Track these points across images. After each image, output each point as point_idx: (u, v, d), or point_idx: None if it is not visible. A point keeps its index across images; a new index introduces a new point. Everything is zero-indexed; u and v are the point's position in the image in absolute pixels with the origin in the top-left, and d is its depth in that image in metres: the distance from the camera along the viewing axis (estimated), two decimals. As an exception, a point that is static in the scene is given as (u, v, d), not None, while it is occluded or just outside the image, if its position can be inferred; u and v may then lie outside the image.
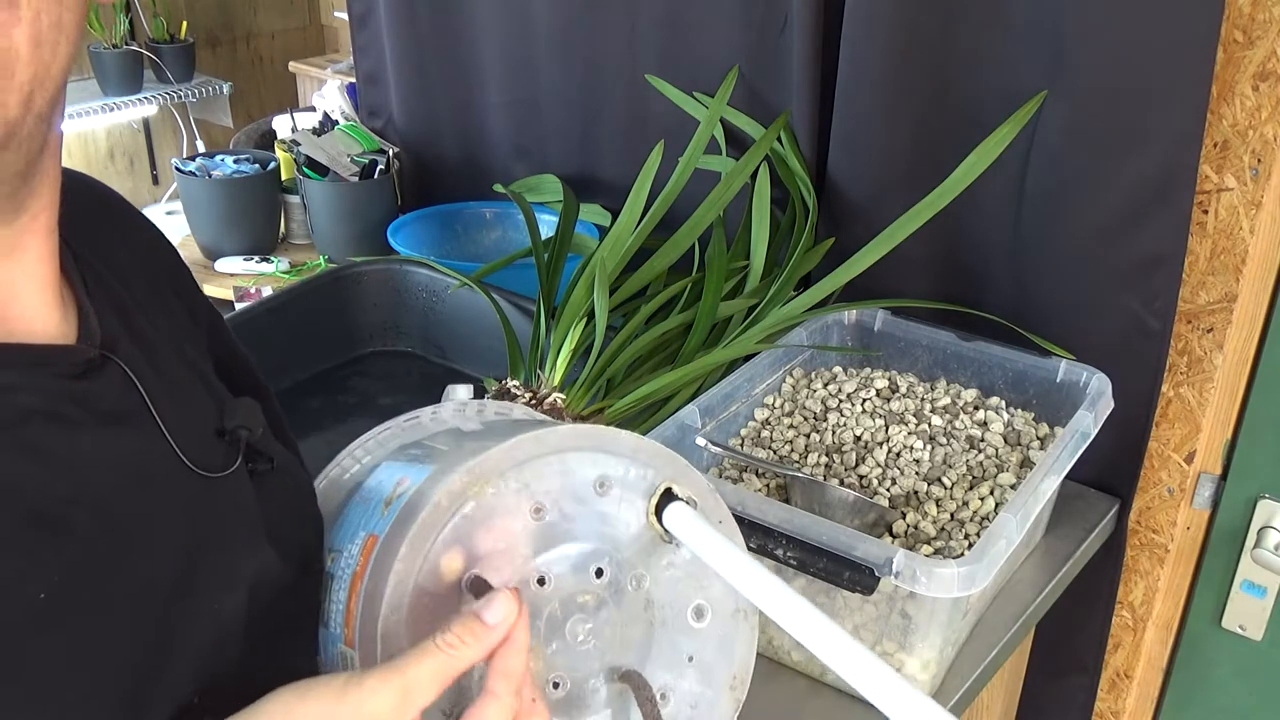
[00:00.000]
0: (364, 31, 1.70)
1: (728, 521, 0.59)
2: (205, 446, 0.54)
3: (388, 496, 0.56)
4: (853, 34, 1.14)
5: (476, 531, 0.52)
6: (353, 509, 0.60)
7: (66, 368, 0.48)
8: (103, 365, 0.50)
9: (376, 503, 0.57)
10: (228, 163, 1.66)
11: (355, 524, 0.58)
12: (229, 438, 0.56)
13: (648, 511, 0.57)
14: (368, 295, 1.41)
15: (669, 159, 1.29)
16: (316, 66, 2.87)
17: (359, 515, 0.58)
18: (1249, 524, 1.13)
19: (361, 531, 0.56)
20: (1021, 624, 0.99)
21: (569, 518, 0.55)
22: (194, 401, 0.56)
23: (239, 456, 0.56)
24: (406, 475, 0.57)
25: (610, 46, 1.40)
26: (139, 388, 0.51)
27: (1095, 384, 1.03)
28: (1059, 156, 1.06)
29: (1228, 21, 0.97)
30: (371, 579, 0.52)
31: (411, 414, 0.71)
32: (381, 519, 0.55)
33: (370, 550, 0.54)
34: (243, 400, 0.60)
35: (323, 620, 0.58)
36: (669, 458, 0.57)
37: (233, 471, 0.55)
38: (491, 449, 0.52)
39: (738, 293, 1.24)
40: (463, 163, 1.66)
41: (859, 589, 0.81)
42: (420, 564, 0.51)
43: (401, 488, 0.56)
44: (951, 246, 1.18)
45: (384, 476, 0.60)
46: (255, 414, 0.59)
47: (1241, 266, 1.04)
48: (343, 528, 0.59)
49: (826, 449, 1.03)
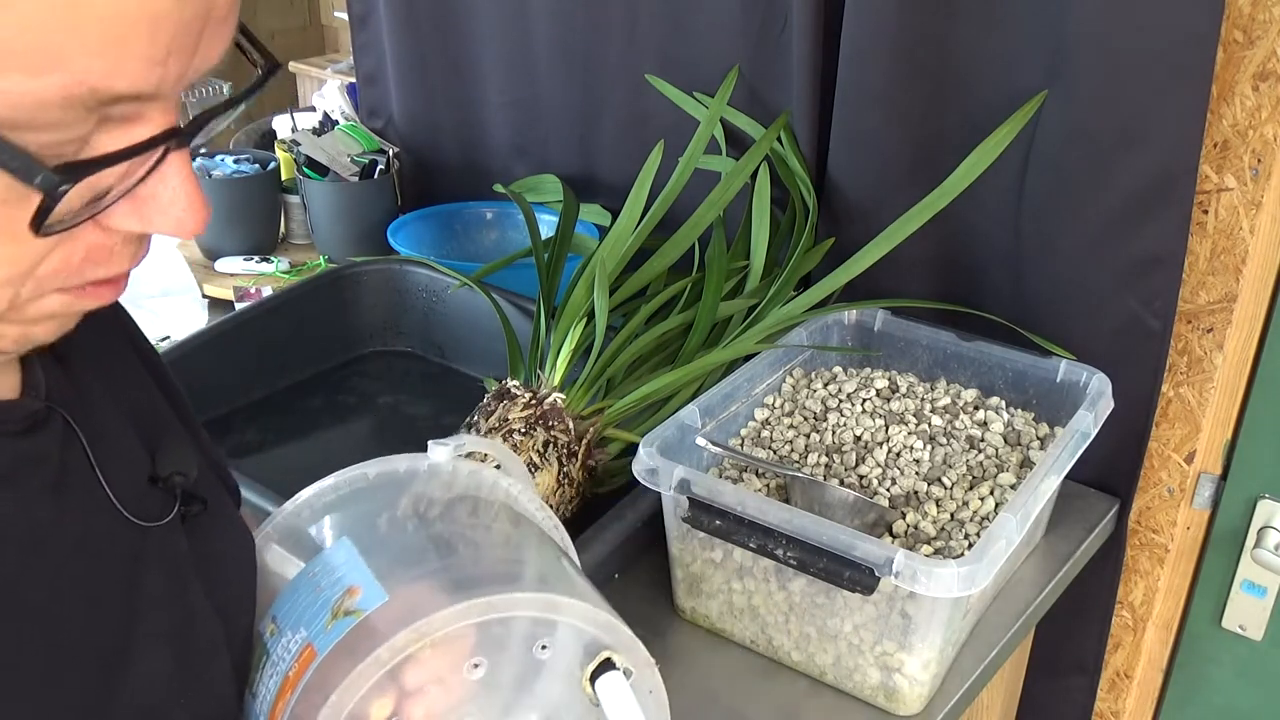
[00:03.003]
0: (364, 31, 1.70)
1: (658, 692, 0.59)
2: (140, 495, 0.52)
3: (335, 604, 0.55)
4: (853, 34, 1.14)
5: (410, 676, 0.52)
6: (302, 586, 0.58)
7: (14, 424, 0.47)
8: (47, 418, 0.48)
9: (324, 603, 0.55)
10: (228, 163, 1.66)
11: (301, 609, 0.56)
12: (163, 484, 0.54)
13: (582, 678, 0.57)
14: (368, 295, 1.41)
15: (669, 159, 1.29)
16: (316, 66, 2.87)
17: (307, 599, 0.56)
18: (1249, 524, 1.13)
19: (303, 629, 0.55)
20: (1021, 624, 0.99)
21: (504, 673, 0.55)
22: (128, 447, 0.54)
23: (175, 504, 0.54)
24: (360, 585, 0.55)
25: (610, 46, 1.40)
26: (80, 439, 0.49)
27: (1095, 384, 1.03)
28: (1059, 156, 1.06)
29: (1228, 21, 0.97)
30: (301, 700, 0.52)
31: (386, 464, 0.66)
32: (324, 633, 0.54)
33: (306, 663, 0.53)
34: (175, 442, 0.57)
35: (250, 690, 0.57)
36: (614, 627, 0.57)
37: (169, 520, 0.53)
38: (444, 610, 0.52)
39: (738, 293, 1.24)
40: (463, 163, 1.66)
41: (859, 589, 0.81)
42: (350, 707, 0.51)
43: (352, 602, 0.54)
44: (951, 246, 1.18)
45: (340, 561, 0.57)
46: (189, 457, 0.57)
47: (1241, 266, 1.04)
48: (288, 602, 0.58)
49: (826, 449, 1.03)
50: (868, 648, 0.86)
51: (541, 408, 1.02)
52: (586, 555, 0.92)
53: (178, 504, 0.54)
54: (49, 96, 0.37)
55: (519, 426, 0.99)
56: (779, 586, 0.89)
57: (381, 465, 0.65)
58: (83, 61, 0.36)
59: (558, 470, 0.98)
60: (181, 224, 0.43)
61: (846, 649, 0.88)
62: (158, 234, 0.44)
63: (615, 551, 0.95)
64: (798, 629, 0.90)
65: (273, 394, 1.32)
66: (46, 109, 0.37)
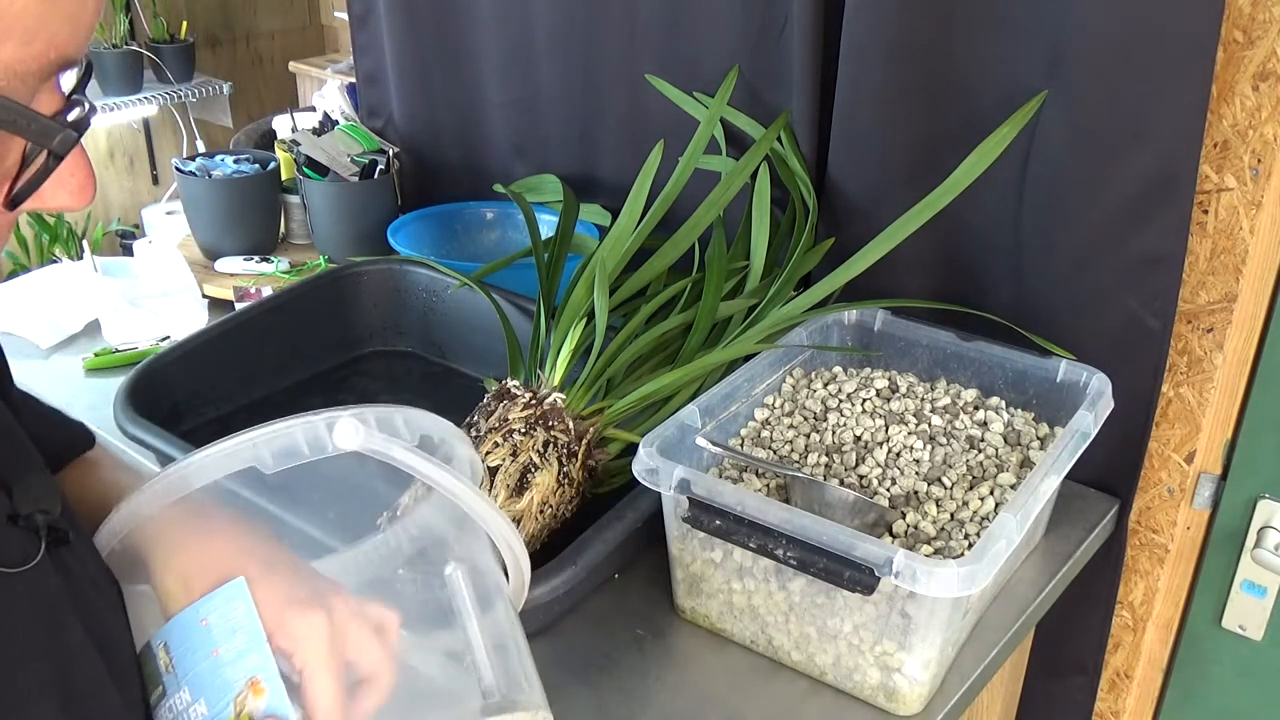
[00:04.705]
0: (364, 31, 1.70)
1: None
2: (1, 538, 0.49)
3: (238, 699, 0.51)
4: (853, 34, 1.14)
5: None
6: (194, 631, 0.53)
7: None
8: None
9: (225, 685, 0.52)
10: (228, 163, 1.66)
11: (196, 665, 0.53)
12: (24, 522, 0.50)
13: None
14: (368, 295, 1.41)
15: (669, 159, 1.29)
16: (316, 66, 2.87)
17: (202, 654, 0.53)
18: (1249, 524, 1.13)
19: (203, 701, 0.52)
20: (1021, 624, 0.99)
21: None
22: None
23: (41, 544, 0.50)
24: (264, 681, 0.52)
25: (610, 46, 1.40)
26: None
27: (1095, 384, 1.03)
28: (1059, 156, 1.06)
29: (1228, 21, 0.97)
30: None
31: (283, 439, 0.55)
32: None
33: None
34: (35, 477, 0.53)
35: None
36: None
37: (37, 562, 0.50)
38: None
39: (738, 293, 1.24)
40: (463, 163, 1.67)
41: (859, 589, 0.81)
42: None
43: (257, 707, 0.51)
44: (951, 246, 1.18)
45: (238, 618, 0.53)
46: (50, 489, 0.53)
47: (1241, 266, 1.04)
48: (180, 642, 0.54)
49: (826, 449, 1.03)
50: (868, 648, 0.87)
51: (541, 408, 1.02)
52: (586, 555, 0.92)
53: (43, 544, 0.50)
54: (35, 64, 0.38)
55: (519, 426, 0.99)
56: (779, 586, 0.89)
57: (277, 439, 0.54)
58: (56, 28, 0.38)
59: (558, 470, 0.98)
60: (78, 195, 0.43)
61: (846, 649, 0.88)
62: (51, 208, 0.44)
63: (615, 551, 0.95)
64: (798, 629, 0.90)
65: (273, 394, 1.32)
66: (30, 76, 0.38)
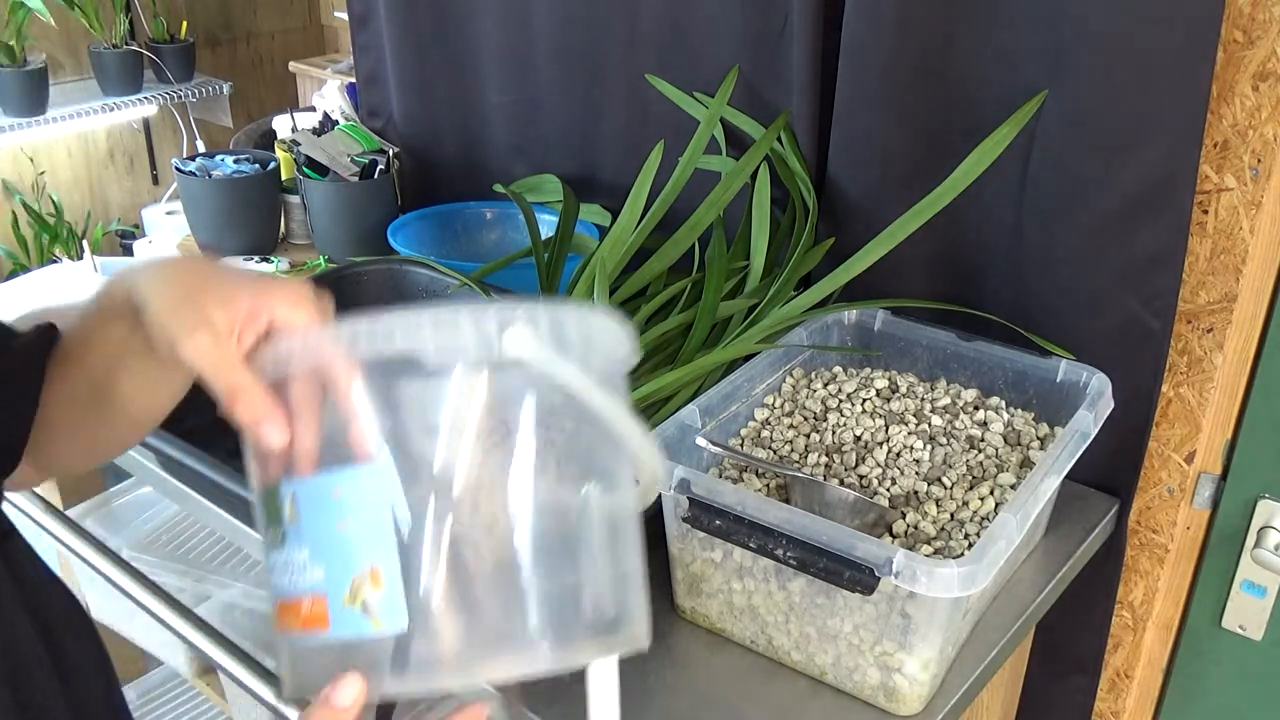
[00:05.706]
0: (364, 31, 1.70)
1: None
2: None
3: (355, 580, 0.50)
4: (853, 34, 1.14)
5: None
6: (326, 498, 0.51)
7: None
8: None
9: (345, 558, 0.51)
10: (228, 163, 1.66)
11: (319, 530, 0.51)
12: None
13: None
14: (368, 295, 1.41)
15: (669, 159, 1.29)
16: (316, 66, 2.87)
17: (326, 522, 0.51)
18: (1249, 524, 1.13)
19: (321, 566, 0.51)
20: (1021, 624, 0.99)
21: None
22: None
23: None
24: (383, 573, 0.51)
25: (610, 46, 1.40)
26: None
27: (1095, 384, 1.03)
28: (1059, 156, 1.06)
29: (1228, 21, 0.97)
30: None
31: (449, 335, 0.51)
32: (339, 608, 0.51)
33: (311, 623, 0.51)
34: None
35: (266, 541, 0.53)
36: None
37: None
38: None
39: (738, 293, 1.24)
40: (463, 163, 1.67)
41: (859, 589, 0.81)
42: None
43: (373, 598, 0.50)
44: (951, 246, 1.18)
45: (371, 492, 0.51)
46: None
47: (1241, 266, 1.04)
48: (311, 498, 0.52)
49: (826, 449, 1.03)
50: (867, 648, 0.87)
51: (541, 408, 1.02)
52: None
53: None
54: None
55: (519, 426, 0.99)
56: (779, 586, 0.89)
57: (444, 336, 0.51)
58: None
59: (558, 470, 0.98)
60: None
61: (846, 649, 0.88)
62: None
63: (615, 551, 0.95)
64: (798, 629, 0.90)
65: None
66: None
